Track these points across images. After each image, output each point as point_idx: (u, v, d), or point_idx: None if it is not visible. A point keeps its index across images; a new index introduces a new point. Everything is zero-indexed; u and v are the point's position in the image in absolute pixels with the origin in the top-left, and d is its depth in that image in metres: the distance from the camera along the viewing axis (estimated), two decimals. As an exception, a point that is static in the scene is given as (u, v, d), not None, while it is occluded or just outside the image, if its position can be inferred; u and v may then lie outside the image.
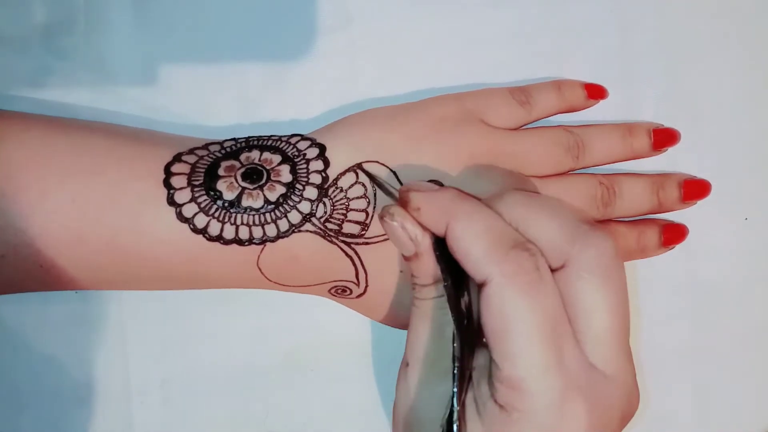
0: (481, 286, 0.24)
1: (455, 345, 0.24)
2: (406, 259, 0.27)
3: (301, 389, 0.34)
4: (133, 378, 0.34)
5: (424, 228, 0.26)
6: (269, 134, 0.32)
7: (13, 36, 0.34)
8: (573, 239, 0.25)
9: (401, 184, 0.30)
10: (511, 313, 0.23)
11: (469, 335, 0.25)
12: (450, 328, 0.25)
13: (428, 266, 0.26)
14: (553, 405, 0.24)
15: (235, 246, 0.30)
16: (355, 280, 0.31)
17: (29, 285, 0.31)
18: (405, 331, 0.33)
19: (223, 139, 0.32)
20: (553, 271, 0.25)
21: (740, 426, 0.36)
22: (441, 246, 0.26)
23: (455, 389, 0.24)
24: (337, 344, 0.35)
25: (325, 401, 0.35)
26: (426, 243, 0.26)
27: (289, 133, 0.32)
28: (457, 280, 0.26)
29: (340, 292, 0.32)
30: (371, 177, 0.30)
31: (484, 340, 0.25)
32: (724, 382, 0.36)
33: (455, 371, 0.24)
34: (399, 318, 0.32)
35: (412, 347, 0.27)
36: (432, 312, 0.27)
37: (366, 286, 0.31)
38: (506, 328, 0.23)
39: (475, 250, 0.24)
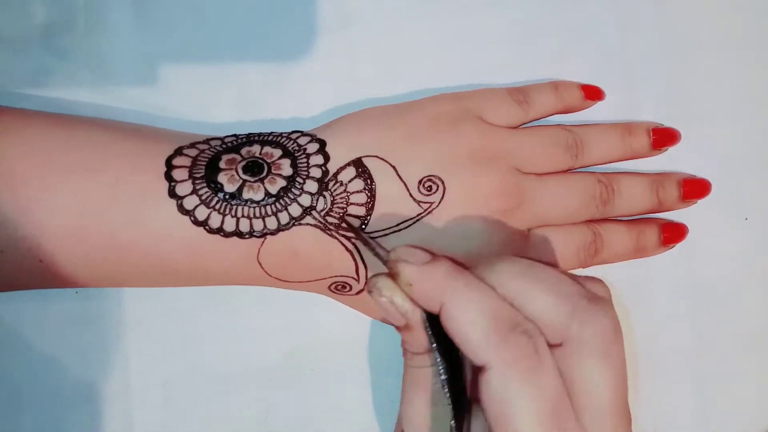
0: (479, 370, 0.24)
1: (452, 423, 0.24)
2: (397, 329, 0.26)
3: (301, 389, 0.34)
4: (133, 378, 0.34)
5: (415, 303, 0.25)
6: (269, 131, 0.32)
7: (13, 36, 0.34)
8: (571, 317, 0.24)
9: (401, 179, 0.31)
10: (513, 399, 0.23)
11: (465, 403, 0.25)
12: (444, 396, 0.24)
13: (420, 337, 0.25)
14: None
15: (235, 239, 0.30)
16: (355, 276, 0.31)
17: (29, 282, 0.31)
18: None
19: (224, 135, 0.32)
20: (551, 346, 0.24)
21: (740, 426, 0.36)
22: (433, 320, 0.25)
23: None
24: (337, 344, 0.35)
25: (325, 401, 0.35)
26: (416, 317, 0.25)
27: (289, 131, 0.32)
28: (449, 351, 0.25)
29: (340, 288, 0.32)
30: (357, 232, 0.29)
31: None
32: (724, 382, 0.36)
33: None
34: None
35: (407, 417, 0.26)
36: (425, 380, 0.26)
37: (366, 282, 0.31)
38: (508, 413, 0.23)
39: (473, 335, 0.23)
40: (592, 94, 0.35)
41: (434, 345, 0.24)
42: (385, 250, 0.27)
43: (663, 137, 0.35)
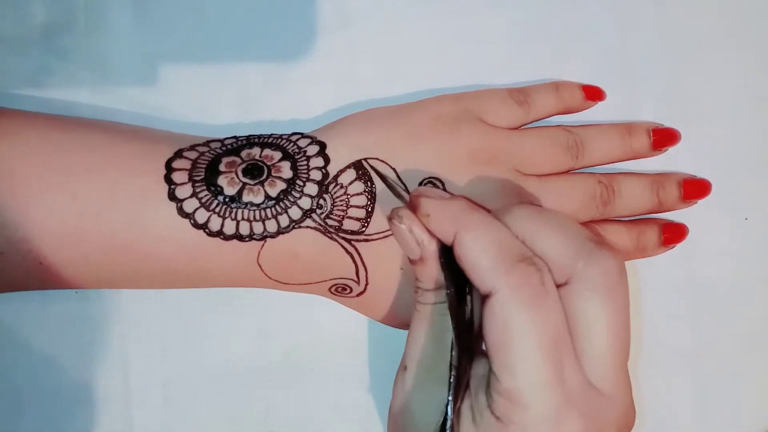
0: (485, 298, 0.24)
1: (453, 353, 0.24)
2: (411, 262, 0.27)
3: (301, 389, 0.35)
4: (133, 378, 0.34)
5: (431, 234, 0.26)
6: (269, 133, 0.32)
7: (13, 36, 0.34)
8: (578, 256, 0.25)
9: (401, 181, 0.31)
10: (514, 325, 0.24)
11: (469, 344, 0.26)
12: (449, 334, 0.25)
13: (432, 271, 0.26)
14: (550, 420, 0.24)
15: (235, 242, 0.30)
16: (355, 278, 0.31)
17: (29, 283, 0.31)
18: (405, 332, 0.33)
19: (224, 137, 0.32)
20: (557, 287, 0.25)
21: (740, 426, 0.36)
22: (446, 254, 0.26)
23: (450, 397, 0.24)
24: (337, 344, 0.35)
25: (325, 401, 0.35)
26: (432, 248, 0.26)
27: (289, 132, 0.32)
28: (460, 289, 0.26)
29: (340, 290, 0.32)
30: (381, 176, 0.30)
31: (484, 349, 0.25)
32: (724, 382, 0.36)
33: (451, 379, 0.24)
34: (399, 317, 0.32)
35: (411, 351, 0.27)
36: (432, 317, 0.27)
37: (366, 284, 0.31)
38: (508, 340, 0.24)
39: (482, 262, 0.24)
40: (593, 94, 0.35)
41: (444, 274, 0.26)
42: (407, 192, 0.28)
43: (663, 137, 0.35)
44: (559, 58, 0.36)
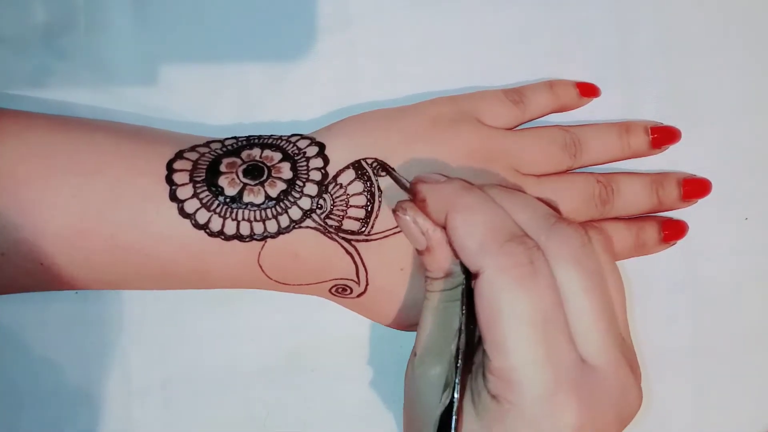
0: (475, 277, 0.25)
1: (461, 337, 0.25)
2: (419, 252, 0.27)
3: (301, 389, 0.34)
4: (133, 378, 0.34)
5: (435, 222, 0.26)
6: (269, 134, 0.32)
7: (13, 36, 0.34)
8: (540, 229, 0.25)
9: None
10: (502, 304, 0.24)
11: (476, 329, 0.26)
12: (457, 320, 0.26)
13: (440, 260, 0.27)
14: (544, 397, 0.24)
15: (236, 242, 0.30)
16: (356, 278, 0.31)
17: (30, 284, 0.31)
18: (405, 333, 0.33)
19: (224, 137, 0.32)
20: None
21: (740, 426, 0.36)
22: None
23: (457, 380, 0.25)
24: (337, 344, 0.35)
25: (326, 401, 0.35)
26: (437, 237, 0.27)
27: (289, 134, 0.32)
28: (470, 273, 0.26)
29: (340, 291, 0.32)
30: (387, 169, 0.30)
31: None
32: (724, 382, 0.36)
33: (458, 363, 0.25)
34: (399, 319, 0.32)
35: (421, 337, 0.28)
36: (441, 304, 0.27)
37: (366, 285, 0.31)
38: (496, 318, 0.24)
39: (470, 242, 0.25)
40: (588, 91, 0.35)
41: (460, 268, 0.26)
42: (408, 181, 0.29)
43: (663, 135, 0.35)
44: (559, 58, 0.36)
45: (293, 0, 0.35)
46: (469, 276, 0.25)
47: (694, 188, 0.35)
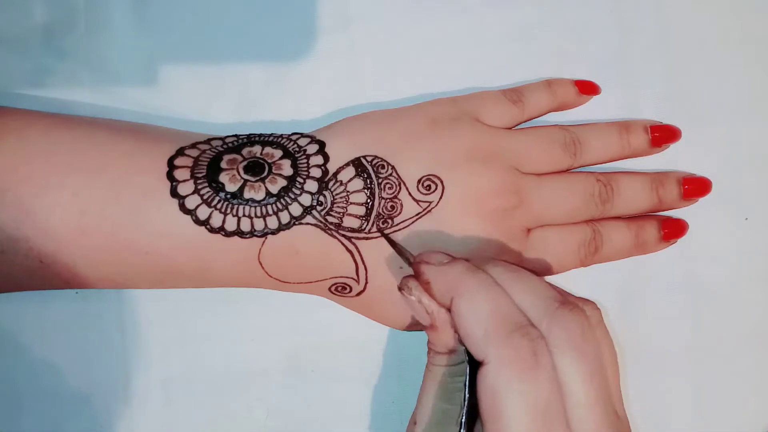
0: (479, 364, 0.25)
1: (463, 413, 0.25)
2: (424, 327, 0.28)
3: (301, 390, 0.34)
4: (133, 379, 0.34)
5: (440, 303, 0.27)
6: (270, 132, 0.32)
7: (13, 36, 0.34)
8: (543, 316, 0.25)
9: (400, 178, 0.31)
10: (504, 396, 0.24)
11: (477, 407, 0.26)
12: (459, 395, 0.26)
13: (444, 338, 0.27)
14: None
15: (236, 239, 0.30)
16: (355, 276, 0.31)
17: (30, 282, 0.31)
18: (405, 333, 0.33)
19: (225, 135, 0.32)
20: None
21: (740, 426, 0.36)
22: None
23: None
24: (337, 345, 0.35)
25: (326, 402, 0.35)
26: (442, 317, 0.27)
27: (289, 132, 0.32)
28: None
29: (340, 289, 0.32)
30: (391, 242, 0.30)
31: None
32: (724, 382, 0.36)
33: None
34: (399, 318, 0.32)
35: (422, 408, 0.28)
36: (443, 378, 0.27)
37: (366, 283, 0.31)
38: (498, 410, 0.24)
39: (475, 330, 0.25)
40: (587, 88, 0.35)
41: (464, 348, 0.26)
42: (412, 255, 0.29)
43: (663, 134, 0.35)
44: (559, 58, 0.36)
45: (293, 0, 0.35)
46: (473, 358, 0.25)
47: (695, 187, 0.35)
